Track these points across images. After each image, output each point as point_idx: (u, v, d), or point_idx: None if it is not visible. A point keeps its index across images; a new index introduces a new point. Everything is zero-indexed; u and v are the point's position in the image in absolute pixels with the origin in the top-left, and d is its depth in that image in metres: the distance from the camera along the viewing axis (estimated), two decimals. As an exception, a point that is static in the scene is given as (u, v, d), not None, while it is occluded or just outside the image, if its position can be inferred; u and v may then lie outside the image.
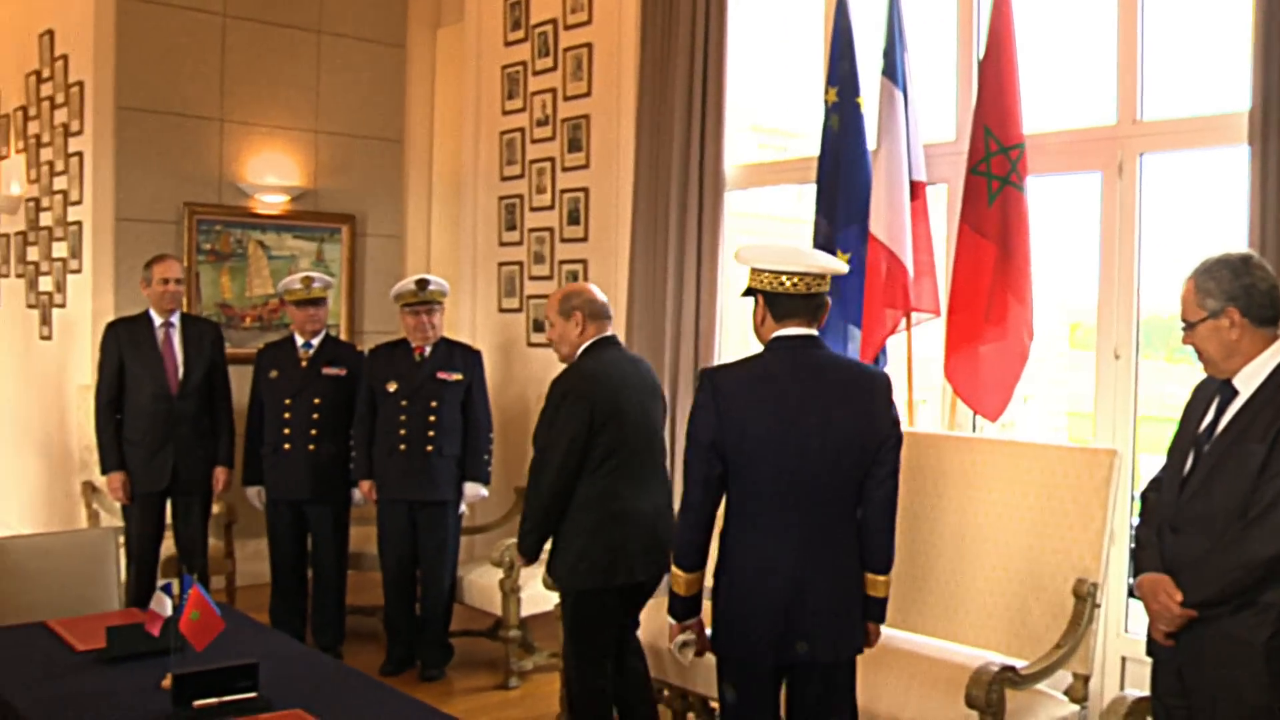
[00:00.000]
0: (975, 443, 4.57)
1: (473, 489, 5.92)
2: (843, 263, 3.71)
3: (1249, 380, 3.10)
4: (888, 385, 3.50)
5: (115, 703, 3.41)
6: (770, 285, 3.38)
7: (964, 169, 4.86)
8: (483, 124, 7.67)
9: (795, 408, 3.32)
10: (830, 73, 5.33)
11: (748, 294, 3.48)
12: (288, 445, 5.95)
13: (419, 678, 5.83)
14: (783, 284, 3.36)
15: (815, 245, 5.37)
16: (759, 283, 3.40)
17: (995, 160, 4.71)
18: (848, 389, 3.39)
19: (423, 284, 5.81)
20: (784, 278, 3.36)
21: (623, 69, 6.62)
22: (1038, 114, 4.88)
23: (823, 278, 3.41)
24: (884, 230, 5.02)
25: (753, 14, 6.24)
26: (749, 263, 3.44)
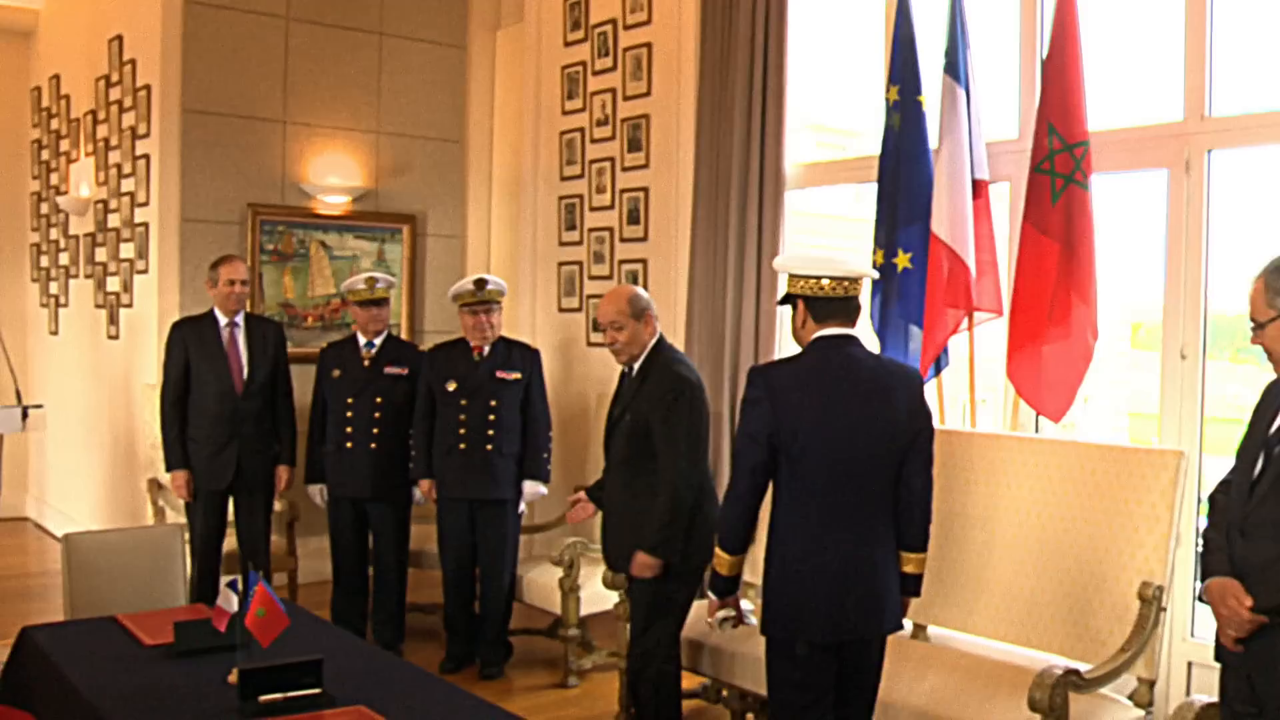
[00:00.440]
0: (1039, 443, 4.51)
1: (532, 487, 5.94)
2: (873, 268, 3.92)
3: (1321, 381, 3.05)
4: (919, 380, 3.78)
5: (183, 696, 3.48)
6: (812, 290, 3.61)
7: (1027, 167, 4.81)
8: (542, 124, 7.70)
9: (842, 401, 3.55)
10: (891, 71, 5.30)
11: (785, 301, 3.73)
12: (350, 444, 6.00)
13: (478, 676, 5.86)
14: (822, 287, 3.60)
15: (876, 244, 5.35)
16: (799, 288, 3.63)
17: (1059, 158, 4.66)
18: (885, 384, 3.63)
19: (481, 284, 5.84)
20: (824, 281, 3.60)
21: (682, 68, 6.62)
22: (1102, 111, 4.82)
23: (857, 281, 3.65)
24: (946, 229, 4.98)
25: (812, 12, 6.21)
26: (789, 269, 3.67)
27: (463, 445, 5.79)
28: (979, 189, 5.06)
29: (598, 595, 5.63)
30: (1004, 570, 4.42)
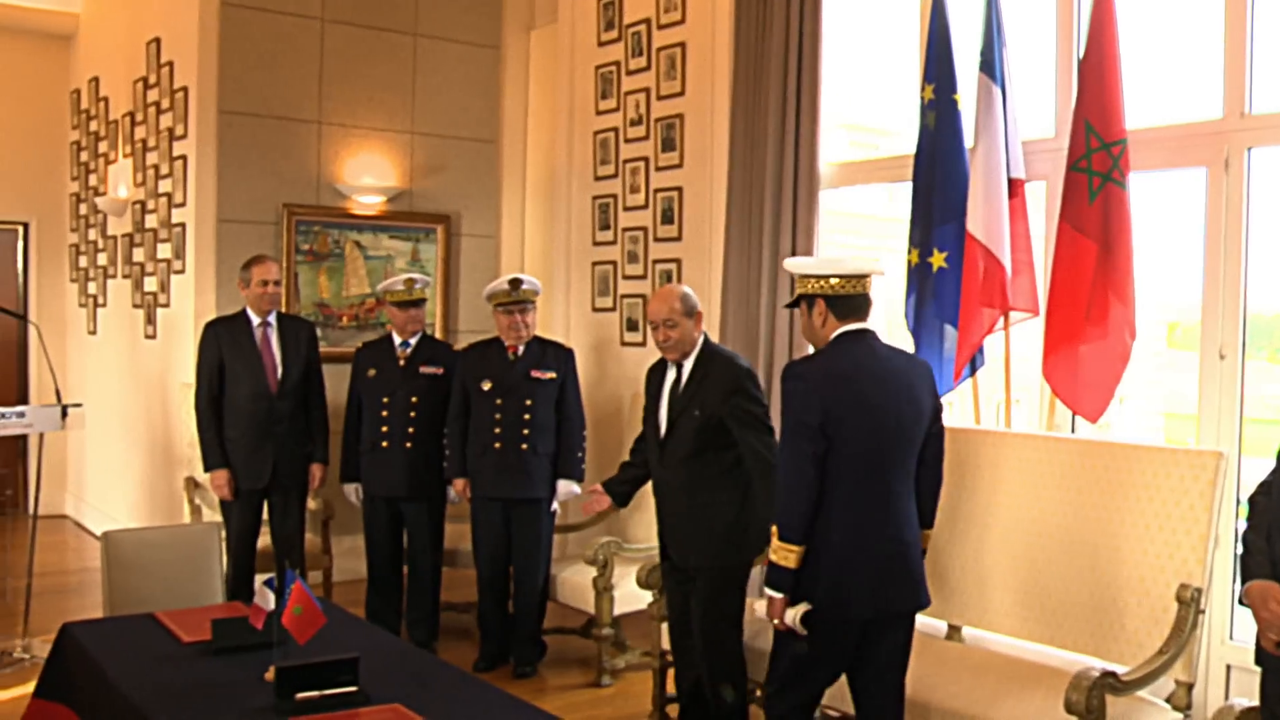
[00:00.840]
0: (1075, 444, 4.48)
1: (565, 486, 5.94)
2: (880, 267, 4.01)
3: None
4: (929, 368, 4.01)
5: (220, 693, 3.50)
6: (826, 289, 3.80)
7: (1064, 166, 4.78)
8: (576, 124, 7.71)
9: (875, 391, 3.73)
10: (927, 69, 5.27)
11: (794, 304, 3.92)
12: (385, 443, 6.03)
13: (512, 675, 5.87)
14: (834, 286, 3.79)
15: (911, 244, 5.33)
16: (815, 288, 3.82)
17: (1096, 157, 4.62)
18: (907, 373, 3.85)
19: (516, 283, 5.85)
20: (832, 280, 3.79)
21: (716, 68, 6.61)
22: (1140, 109, 4.78)
23: (866, 278, 3.83)
24: (981, 228, 4.96)
25: (846, 11, 6.19)
26: (800, 271, 3.86)
27: (497, 444, 5.80)
28: (1015, 188, 5.03)
29: (631, 595, 5.63)
30: (1040, 571, 4.39)
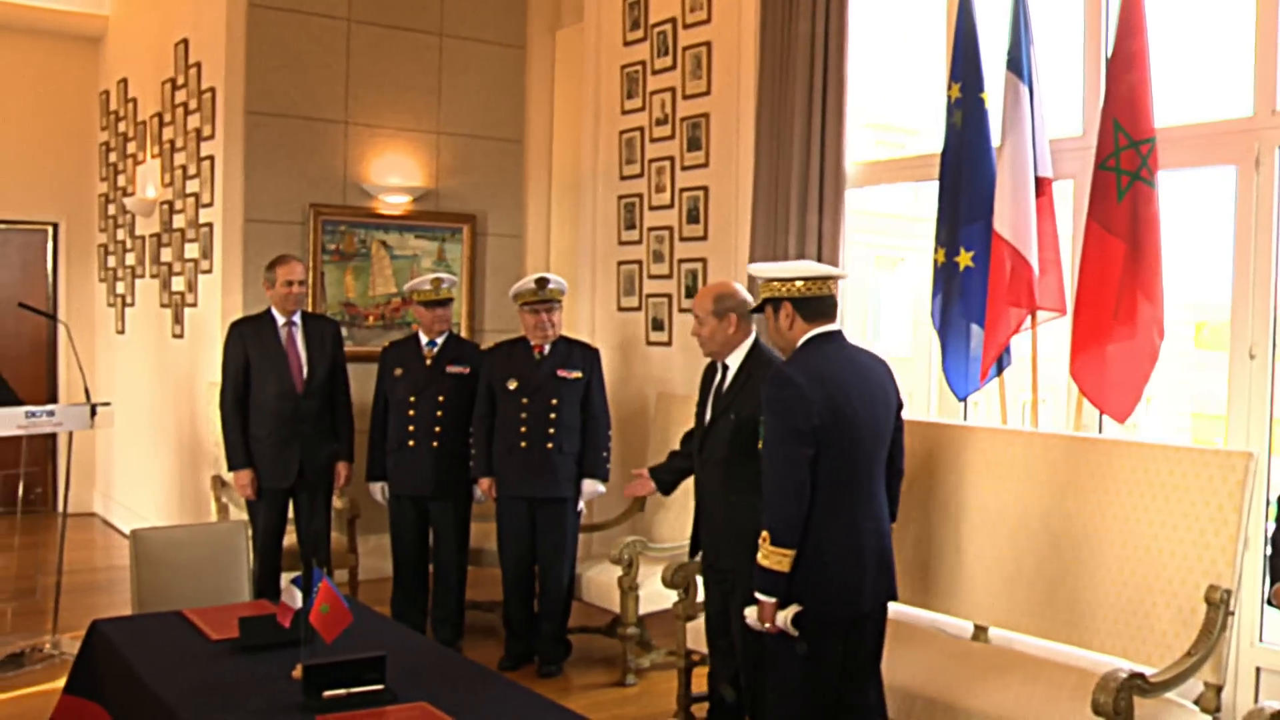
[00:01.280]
0: (1104, 444, 4.45)
1: (591, 486, 5.95)
2: (844, 271, 4.14)
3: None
4: (889, 368, 4.03)
5: (248, 691, 3.52)
6: (791, 292, 3.84)
7: (1091, 164, 4.74)
8: (602, 124, 7.71)
9: (855, 392, 3.78)
10: (953, 67, 5.25)
11: (759, 309, 3.99)
12: (412, 442, 6.04)
13: (536, 674, 5.87)
14: (799, 289, 3.84)
15: (938, 243, 5.31)
16: (781, 291, 3.86)
17: (1125, 155, 4.59)
18: (876, 372, 3.91)
19: (542, 282, 5.86)
20: (797, 283, 3.84)
21: (742, 67, 6.60)
22: (1169, 107, 4.74)
23: (830, 280, 3.89)
24: (1008, 227, 4.93)
25: (872, 10, 6.18)
26: (773, 275, 3.90)
27: (523, 444, 5.81)
28: (1042, 186, 5.00)
29: (657, 594, 5.63)
30: (1067, 572, 4.37)
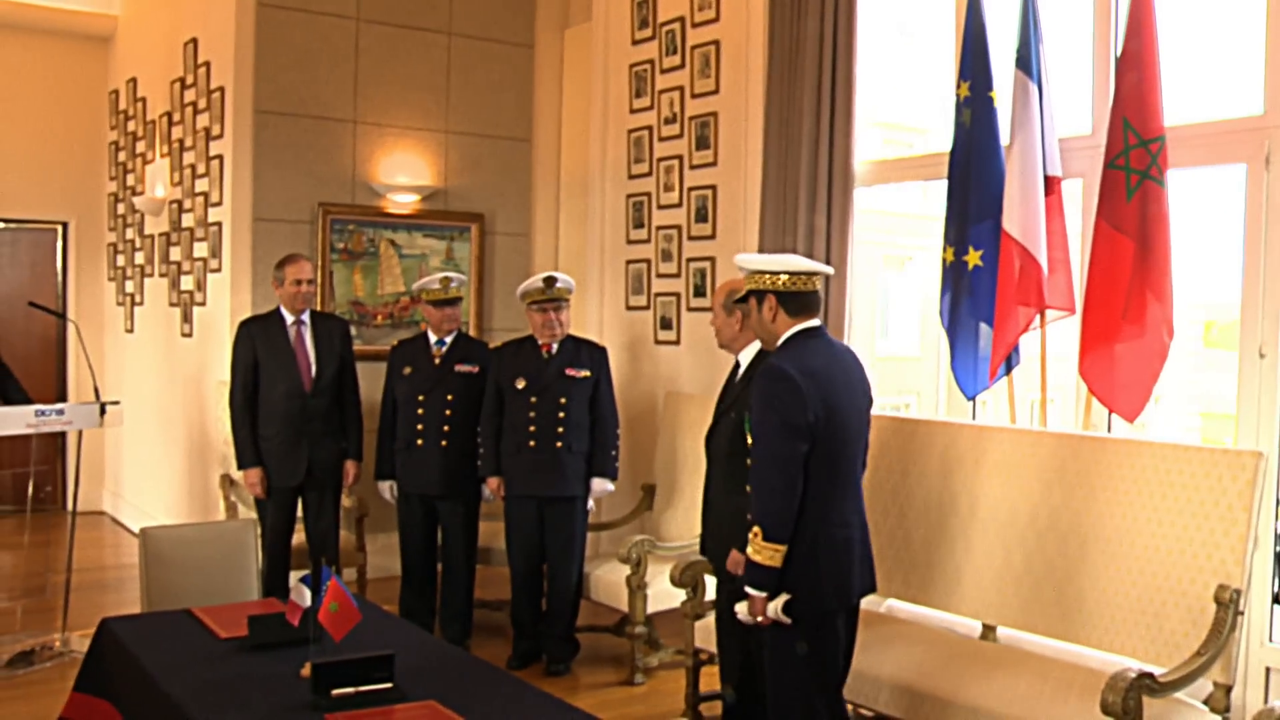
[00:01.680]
0: (1113, 443, 4.44)
1: (600, 484, 5.95)
2: (829, 268, 4.18)
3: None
4: (861, 363, 4.12)
5: (257, 689, 3.52)
6: (776, 285, 3.89)
7: (1101, 163, 4.74)
8: (610, 122, 7.71)
9: (841, 387, 3.84)
10: (962, 66, 5.25)
11: (743, 299, 4.03)
12: (420, 441, 6.05)
13: (544, 672, 5.88)
14: (793, 283, 3.88)
15: (946, 241, 5.30)
16: (770, 284, 3.89)
17: (1134, 154, 4.58)
18: (855, 367, 3.99)
19: (550, 281, 5.86)
20: (782, 277, 3.88)
21: (750, 66, 6.60)
22: (1178, 105, 4.73)
23: (814, 275, 3.92)
24: (1017, 226, 4.92)
25: (881, 9, 6.16)
26: (758, 267, 3.93)
27: (532, 443, 5.81)
28: (1051, 185, 4.99)
29: (665, 593, 5.63)
30: (1076, 571, 4.36)
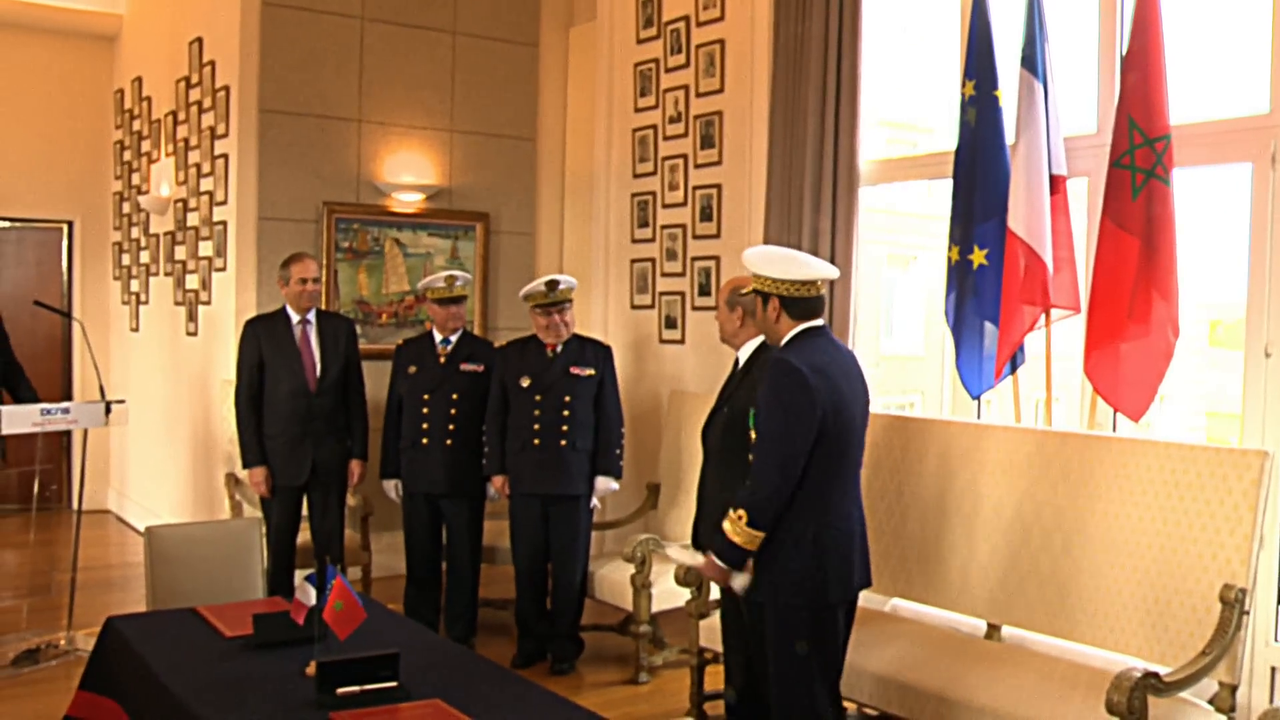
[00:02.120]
0: (1118, 442, 4.44)
1: (604, 483, 5.94)
2: (833, 272, 4.16)
3: None
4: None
5: (262, 688, 3.53)
6: (788, 291, 3.93)
7: (1106, 162, 4.73)
8: (615, 121, 7.71)
9: (845, 384, 3.91)
10: (967, 65, 5.24)
11: (750, 292, 4.12)
12: (425, 440, 6.05)
13: (549, 671, 5.88)
14: (797, 290, 3.93)
15: (951, 241, 5.30)
16: (775, 289, 3.95)
17: (1140, 153, 4.57)
18: (855, 365, 4.08)
19: (552, 285, 5.84)
20: (802, 284, 3.93)
21: (755, 65, 6.59)
22: (1184, 104, 4.72)
23: (819, 283, 3.99)
24: (1023, 225, 4.92)
25: (886, 7, 6.16)
26: (763, 273, 3.97)
27: (536, 441, 5.81)
28: (1056, 184, 4.99)
29: (669, 592, 5.63)
30: (1081, 571, 4.36)
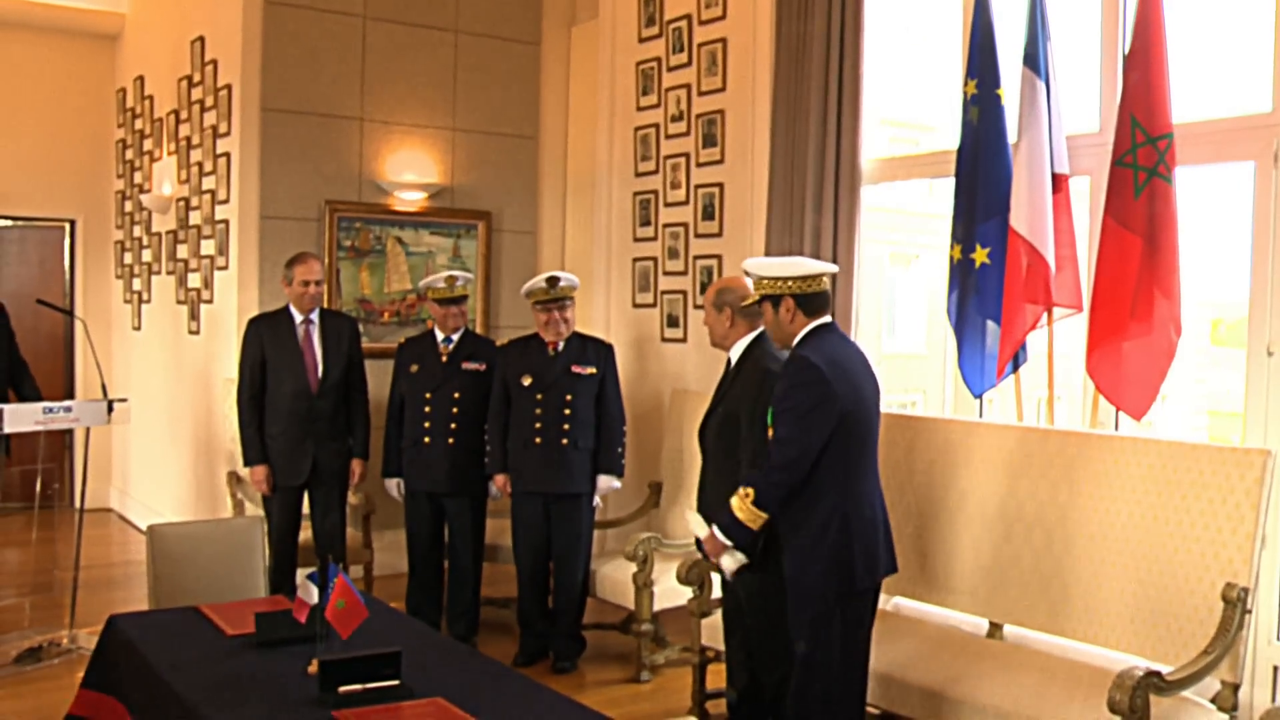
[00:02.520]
0: (1120, 441, 4.44)
1: (606, 481, 5.95)
2: (834, 267, 4.33)
3: None
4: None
5: (264, 686, 3.53)
6: (801, 288, 4.09)
7: (1108, 160, 4.72)
8: (617, 120, 7.71)
9: (859, 378, 4.06)
10: (970, 64, 5.24)
11: (759, 302, 4.21)
12: (428, 438, 6.05)
13: (551, 669, 5.88)
14: (808, 285, 4.10)
15: (954, 239, 5.30)
16: (788, 288, 4.09)
17: (1142, 151, 4.57)
18: (865, 360, 4.20)
19: (553, 281, 5.85)
20: (813, 280, 4.10)
21: (757, 63, 6.59)
22: (1186, 103, 4.72)
23: (823, 277, 4.16)
24: (1025, 224, 4.91)
25: (888, 6, 6.16)
26: (772, 274, 4.12)
27: (538, 439, 5.81)
28: (1059, 183, 4.98)
29: (671, 590, 5.63)
30: (1083, 569, 4.36)
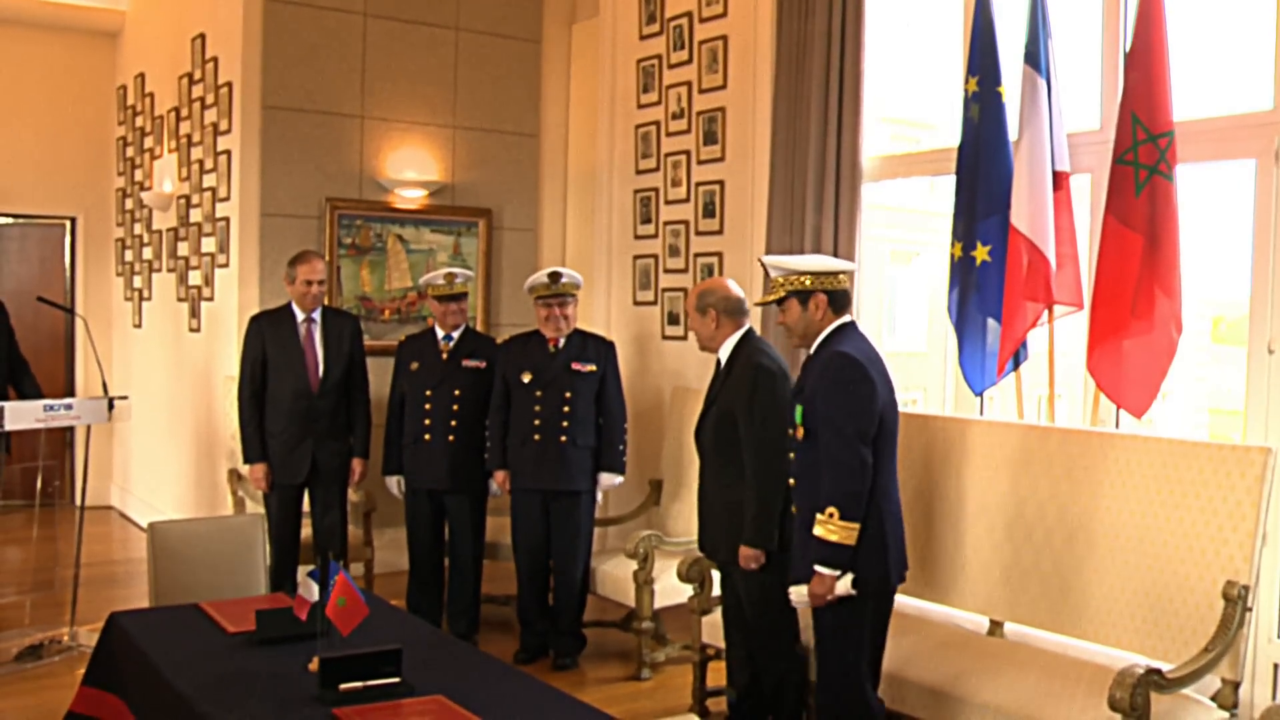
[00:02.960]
0: (1121, 439, 4.44)
1: (608, 478, 5.95)
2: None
3: None
4: None
5: (265, 683, 3.53)
6: (834, 284, 4.15)
7: (1109, 158, 4.72)
8: (618, 118, 7.71)
9: (885, 376, 4.11)
10: (971, 61, 5.23)
11: (779, 300, 4.20)
12: (428, 436, 6.05)
13: (551, 667, 5.89)
14: (838, 282, 4.16)
15: (955, 237, 5.29)
16: (820, 284, 4.12)
17: (1143, 149, 4.56)
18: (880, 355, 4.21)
19: (555, 276, 5.86)
20: (840, 277, 4.16)
21: (758, 61, 6.59)
22: (1187, 100, 4.72)
23: (843, 274, 4.21)
24: (1026, 222, 4.91)
25: (889, 4, 6.15)
26: (808, 268, 4.14)
27: (537, 437, 5.81)
28: (1059, 181, 4.98)
29: (672, 588, 5.64)
30: (1084, 567, 4.36)
